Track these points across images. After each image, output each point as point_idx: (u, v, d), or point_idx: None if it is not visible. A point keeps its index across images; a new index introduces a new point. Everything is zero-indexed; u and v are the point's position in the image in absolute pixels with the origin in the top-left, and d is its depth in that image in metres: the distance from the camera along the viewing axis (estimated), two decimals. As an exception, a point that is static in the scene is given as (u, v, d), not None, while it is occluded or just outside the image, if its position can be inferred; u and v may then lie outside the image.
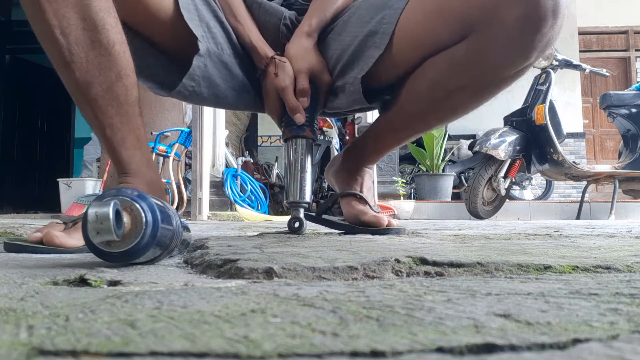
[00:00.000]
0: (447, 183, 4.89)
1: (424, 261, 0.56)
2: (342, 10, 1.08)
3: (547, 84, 3.39)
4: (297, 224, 1.03)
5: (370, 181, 1.21)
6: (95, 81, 0.75)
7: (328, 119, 4.47)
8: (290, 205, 1.04)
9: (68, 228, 0.78)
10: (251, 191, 4.16)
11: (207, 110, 3.50)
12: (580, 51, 7.15)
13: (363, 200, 1.14)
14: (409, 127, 1.11)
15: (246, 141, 6.65)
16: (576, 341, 0.26)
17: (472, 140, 4.78)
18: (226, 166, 4.28)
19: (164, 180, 3.44)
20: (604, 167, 3.81)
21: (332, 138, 4.52)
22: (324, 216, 1.17)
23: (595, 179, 3.65)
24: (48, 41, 0.73)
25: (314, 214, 1.20)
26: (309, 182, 1.04)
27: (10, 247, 0.77)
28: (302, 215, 1.03)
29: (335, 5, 1.07)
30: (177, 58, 1.00)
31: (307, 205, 1.04)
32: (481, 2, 0.87)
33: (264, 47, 1.03)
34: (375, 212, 1.13)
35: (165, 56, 1.00)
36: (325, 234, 1.11)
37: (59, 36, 0.71)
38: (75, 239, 0.75)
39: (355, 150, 1.20)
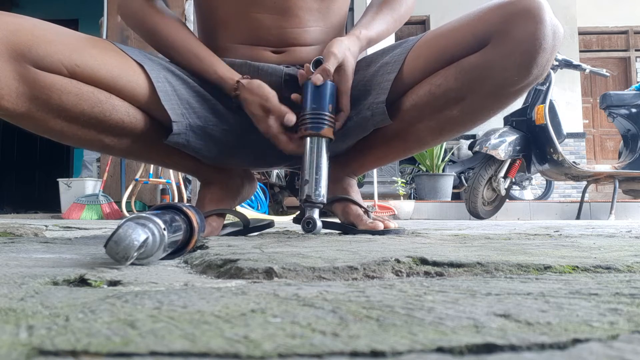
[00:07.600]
0: (447, 183, 4.89)
1: (424, 261, 0.56)
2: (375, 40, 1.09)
3: (547, 84, 3.39)
4: (310, 225, 0.98)
5: (356, 187, 1.20)
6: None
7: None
8: (305, 205, 0.98)
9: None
10: (251, 191, 4.14)
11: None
12: (580, 51, 7.15)
13: (357, 204, 1.14)
14: (401, 136, 1.09)
15: (246, 141, 6.62)
16: (576, 341, 0.26)
17: (472, 140, 4.79)
18: (226, 166, 4.26)
19: (163, 180, 3.44)
20: (604, 167, 3.81)
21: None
22: (322, 219, 1.16)
23: (595, 179, 3.65)
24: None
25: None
26: (325, 182, 0.98)
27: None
28: (316, 215, 0.98)
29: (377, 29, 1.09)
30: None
31: (321, 206, 0.99)
32: (497, 18, 0.93)
33: (231, 76, 1.02)
34: (370, 213, 1.13)
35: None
36: (325, 234, 1.11)
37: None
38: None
39: (338, 161, 1.16)
